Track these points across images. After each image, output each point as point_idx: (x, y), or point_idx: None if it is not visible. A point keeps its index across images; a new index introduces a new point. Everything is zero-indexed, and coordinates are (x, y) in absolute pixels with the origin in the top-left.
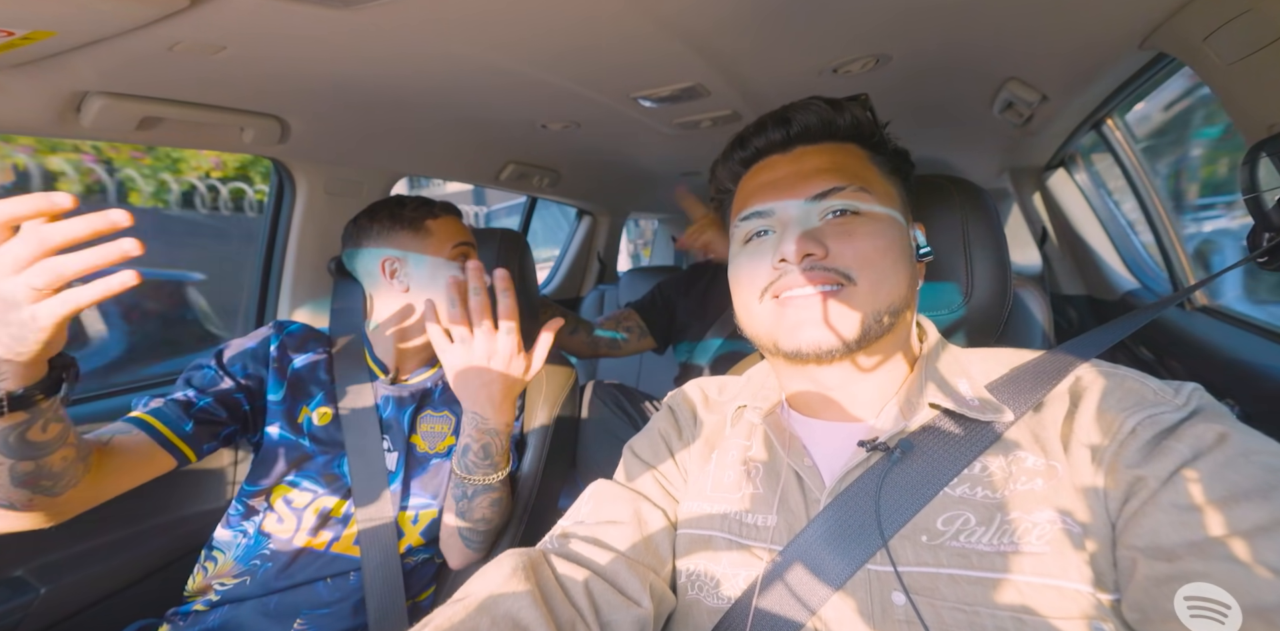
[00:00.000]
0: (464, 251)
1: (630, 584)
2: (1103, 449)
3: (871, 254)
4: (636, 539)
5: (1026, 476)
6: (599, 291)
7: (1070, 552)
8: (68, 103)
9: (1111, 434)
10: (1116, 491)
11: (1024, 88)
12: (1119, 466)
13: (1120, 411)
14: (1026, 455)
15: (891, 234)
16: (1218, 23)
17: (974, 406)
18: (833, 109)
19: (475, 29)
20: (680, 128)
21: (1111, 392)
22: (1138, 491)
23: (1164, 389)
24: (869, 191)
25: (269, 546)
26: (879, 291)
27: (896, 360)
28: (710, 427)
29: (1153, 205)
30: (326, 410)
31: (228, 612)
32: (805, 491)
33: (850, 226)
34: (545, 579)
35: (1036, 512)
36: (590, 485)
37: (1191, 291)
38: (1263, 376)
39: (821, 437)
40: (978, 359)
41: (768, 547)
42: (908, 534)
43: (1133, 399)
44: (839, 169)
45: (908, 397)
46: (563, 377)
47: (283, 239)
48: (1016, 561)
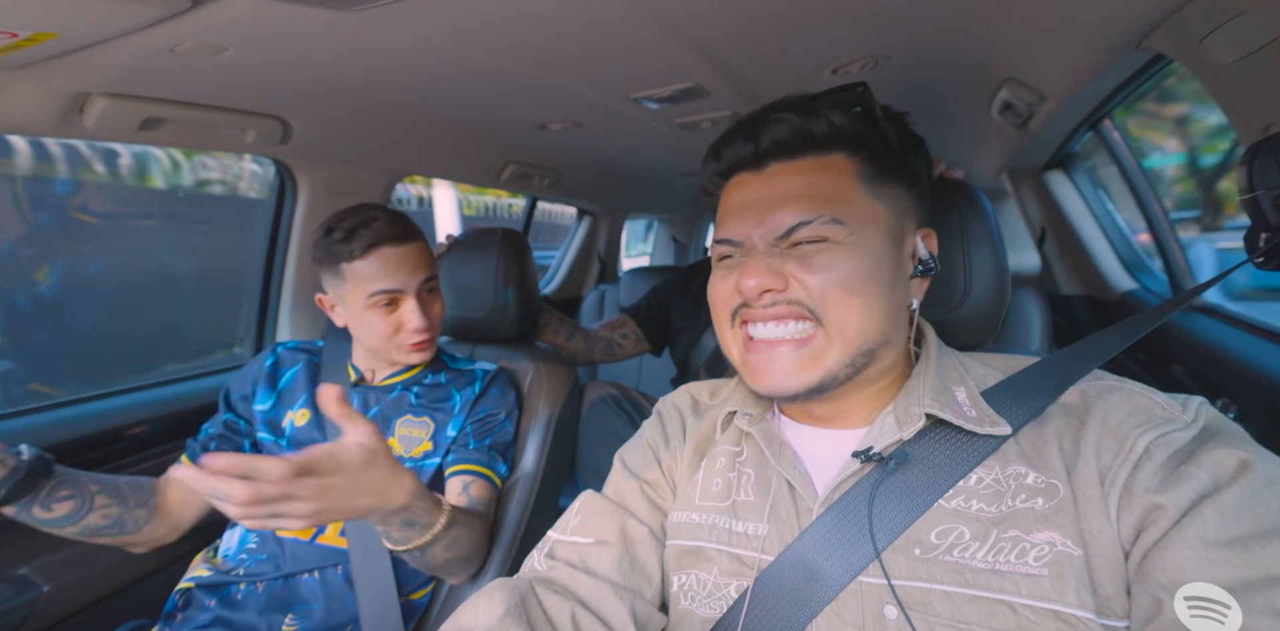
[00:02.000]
0: (384, 300)
1: (616, 614)
2: (1112, 469)
3: (834, 289)
4: (622, 560)
5: (1026, 494)
6: (599, 291)
7: (1070, 576)
8: (71, 104)
9: (1123, 453)
10: (1130, 517)
11: (1022, 88)
12: (1135, 490)
13: (1130, 429)
14: (1027, 471)
15: (863, 264)
16: (1214, 24)
17: (971, 417)
18: (806, 118)
19: (476, 30)
20: (680, 128)
21: (1118, 408)
22: (1156, 520)
23: (1171, 404)
24: (842, 222)
25: (254, 541)
26: (847, 332)
27: (887, 372)
28: (700, 434)
29: (1151, 205)
30: (305, 411)
31: (220, 611)
32: (797, 500)
33: (811, 258)
34: (535, 617)
35: (1036, 533)
36: (580, 496)
37: (1194, 295)
38: (1260, 376)
39: (813, 445)
40: (976, 364)
41: (758, 556)
42: (901, 546)
43: (1142, 415)
44: (811, 195)
45: (905, 406)
46: (562, 378)
47: (284, 238)
48: (1012, 581)
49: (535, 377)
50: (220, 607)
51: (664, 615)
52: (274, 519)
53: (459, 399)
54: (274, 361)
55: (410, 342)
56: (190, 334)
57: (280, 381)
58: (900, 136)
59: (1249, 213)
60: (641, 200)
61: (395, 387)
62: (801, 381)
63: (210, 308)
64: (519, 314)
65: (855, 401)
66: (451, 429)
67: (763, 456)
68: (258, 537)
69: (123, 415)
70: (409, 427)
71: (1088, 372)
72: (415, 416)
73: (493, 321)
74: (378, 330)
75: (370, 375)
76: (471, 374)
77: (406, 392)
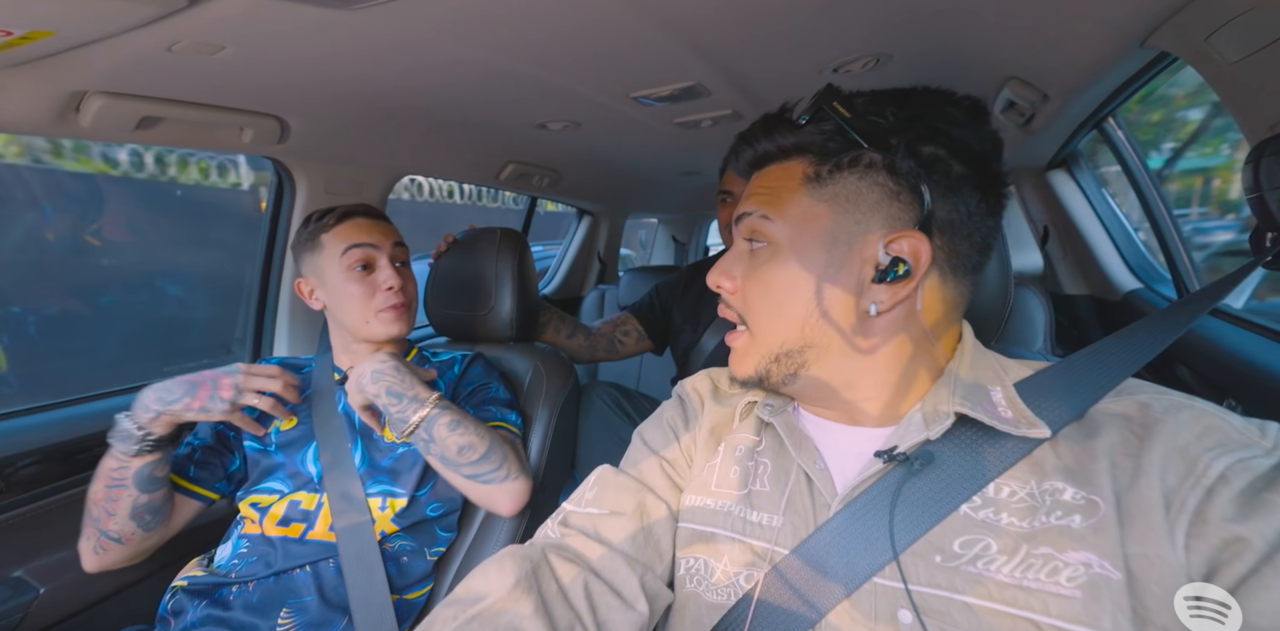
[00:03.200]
0: (361, 257)
1: (627, 584)
2: (1180, 492)
3: (755, 296)
4: (637, 533)
5: (1063, 510)
6: (599, 291)
7: (1107, 601)
8: (67, 102)
9: (1193, 477)
10: (1204, 547)
11: (1025, 87)
12: (1209, 518)
13: (1203, 451)
14: (1065, 487)
15: (789, 266)
16: (1220, 22)
17: (1006, 419)
18: (766, 138)
19: (475, 29)
20: (680, 127)
21: (1187, 427)
22: (1241, 553)
23: (1248, 428)
24: (770, 218)
25: (245, 546)
26: (762, 334)
27: (907, 369)
28: (719, 419)
29: (1155, 204)
30: (293, 418)
31: (211, 610)
32: (814, 494)
33: (752, 259)
34: (546, 585)
35: (1070, 552)
36: (596, 469)
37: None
38: (1266, 377)
39: (834, 439)
40: (1017, 366)
41: (771, 547)
42: (920, 551)
43: (1215, 437)
44: (760, 193)
45: (933, 404)
46: (562, 377)
47: (283, 239)
48: (1040, 599)
49: (535, 377)
50: (210, 607)
51: (671, 592)
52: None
53: (442, 384)
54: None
55: (387, 305)
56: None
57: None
58: (871, 133)
59: (1255, 212)
60: (641, 200)
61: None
62: (741, 373)
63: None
64: (517, 314)
65: (865, 401)
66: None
67: (781, 448)
68: (248, 542)
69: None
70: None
71: (1133, 371)
72: None
73: (491, 321)
74: (354, 294)
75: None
76: (451, 360)
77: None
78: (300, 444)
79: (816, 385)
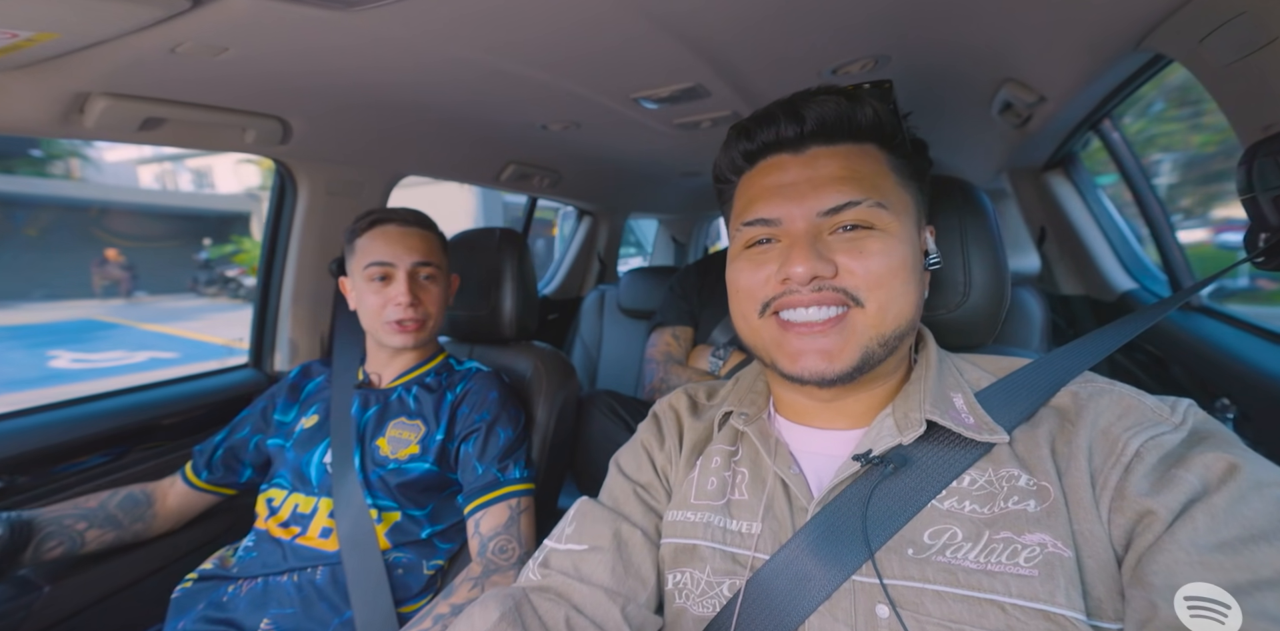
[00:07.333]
0: (379, 272)
1: (611, 618)
2: (1104, 471)
3: (883, 274)
4: (616, 565)
5: (1019, 496)
6: (599, 292)
7: (1060, 577)
8: (71, 103)
9: (1114, 456)
10: (1122, 520)
11: (1022, 89)
12: (1127, 494)
13: (1121, 432)
14: (1019, 473)
15: (904, 250)
16: (1214, 25)
17: (969, 425)
18: (850, 102)
19: (476, 31)
20: (680, 128)
21: (1109, 410)
22: (1150, 525)
23: (1160, 406)
24: (885, 206)
25: (251, 539)
26: (886, 315)
27: (892, 372)
28: (697, 434)
29: (1151, 205)
30: (315, 416)
31: (209, 612)
32: (791, 499)
33: (861, 243)
34: (529, 622)
35: (1027, 535)
36: (576, 503)
37: (1186, 297)
38: (1260, 376)
39: (809, 444)
40: (969, 367)
41: (752, 555)
42: (894, 546)
43: (1132, 417)
44: (855, 178)
45: (904, 411)
46: (561, 377)
47: (284, 239)
48: (1003, 582)
49: (534, 377)
50: (209, 609)
51: (659, 617)
52: None
53: (448, 399)
54: (300, 372)
55: (393, 319)
56: None
57: (304, 391)
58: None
59: (1248, 212)
60: (641, 200)
61: (396, 390)
62: (844, 363)
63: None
64: (517, 314)
65: (855, 401)
66: (439, 433)
67: (758, 455)
68: (255, 537)
69: (124, 415)
70: (400, 429)
71: (1079, 374)
72: (409, 419)
73: (491, 321)
74: (371, 305)
75: (377, 379)
76: (464, 373)
77: (406, 394)
78: (313, 443)
79: (864, 380)
